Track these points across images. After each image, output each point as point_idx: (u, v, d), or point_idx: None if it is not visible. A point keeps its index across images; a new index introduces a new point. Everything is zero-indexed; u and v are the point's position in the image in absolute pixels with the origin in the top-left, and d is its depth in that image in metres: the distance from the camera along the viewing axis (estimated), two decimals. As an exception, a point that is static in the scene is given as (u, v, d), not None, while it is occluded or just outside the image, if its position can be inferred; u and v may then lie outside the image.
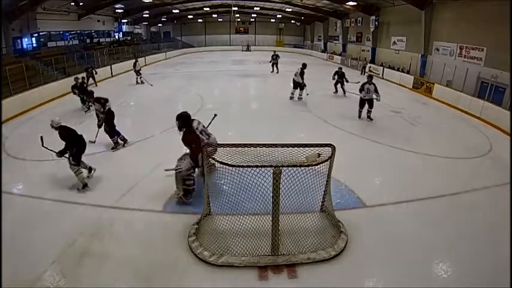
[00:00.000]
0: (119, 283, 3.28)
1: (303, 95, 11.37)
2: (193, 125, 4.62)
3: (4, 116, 8.75)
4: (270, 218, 3.59)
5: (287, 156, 3.59)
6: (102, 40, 23.70)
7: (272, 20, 36.25)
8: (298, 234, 3.81)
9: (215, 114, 5.67)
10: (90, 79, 13.23)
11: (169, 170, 4.98)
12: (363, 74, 18.98)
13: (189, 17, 34.52)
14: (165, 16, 31.85)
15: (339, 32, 26.90)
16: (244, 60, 26.02)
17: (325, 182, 4.01)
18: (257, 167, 3.40)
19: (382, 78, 17.53)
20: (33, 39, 17.00)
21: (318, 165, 3.63)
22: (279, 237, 3.61)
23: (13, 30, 14.77)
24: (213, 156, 3.68)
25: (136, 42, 27.96)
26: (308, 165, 3.55)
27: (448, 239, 4.05)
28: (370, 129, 8.37)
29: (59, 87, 12.00)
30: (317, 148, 3.66)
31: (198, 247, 3.67)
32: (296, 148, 3.59)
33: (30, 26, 16.30)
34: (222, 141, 4.28)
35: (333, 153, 3.71)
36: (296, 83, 11.20)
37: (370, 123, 8.92)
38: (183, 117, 4.51)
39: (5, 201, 4.69)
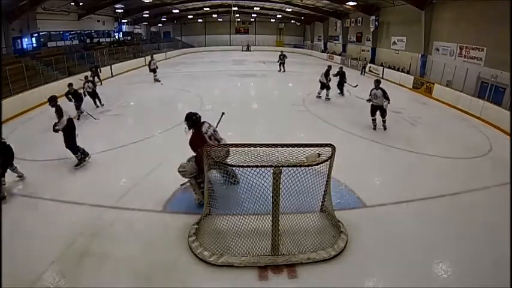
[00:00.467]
0: (119, 283, 3.28)
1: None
2: (203, 129, 4.39)
3: (4, 116, 8.73)
4: (270, 218, 3.58)
5: (287, 156, 3.59)
6: (102, 40, 23.70)
7: (272, 20, 36.27)
8: (298, 234, 3.80)
9: (223, 113, 5.49)
10: (96, 78, 13.30)
11: (184, 184, 4.90)
12: (363, 74, 19.01)
13: (189, 17, 34.55)
14: (165, 16, 31.86)
15: (339, 32, 26.91)
16: (244, 60, 26.02)
17: (325, 182, 4.00)
18: (257, 167, 3.41)
19: (382, 78, 17.43)
20: (33, 39, 16.99)
21: (318, 165, 3.63)
22: (279, 237, 3.61)
23: (13, 30, 14.76)
24: (226, 160, 3.62)
25: (136, 42, 27.95)
26: (308, 165, 3.54)
27: (448, 239, 4.05)
28: (370, 129, 8.36)
29: (59, 87, 11.96)
30: (317, 148, 3.66)
31: (198, 247, 3.67)
32: (296, 148, 3.58)
33: (30, 26, 16.29)
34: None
35: (333, 153, 3.71)
36: (322, 83, 11.59)
37: (371, 124, 8.85)
38: (191, 118, 4.39)
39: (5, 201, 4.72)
